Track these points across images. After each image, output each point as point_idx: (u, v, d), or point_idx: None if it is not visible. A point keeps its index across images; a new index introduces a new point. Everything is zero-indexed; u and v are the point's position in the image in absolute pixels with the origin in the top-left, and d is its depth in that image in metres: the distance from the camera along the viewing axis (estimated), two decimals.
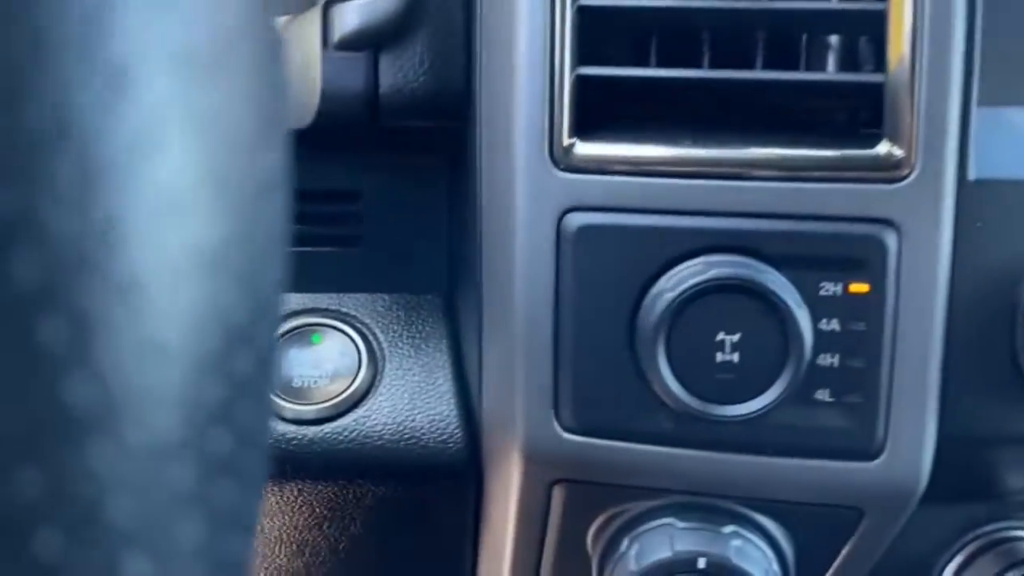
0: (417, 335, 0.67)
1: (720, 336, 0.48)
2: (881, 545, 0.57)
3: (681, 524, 0.54)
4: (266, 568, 0.74)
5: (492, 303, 0.56)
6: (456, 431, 0.64)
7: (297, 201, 0.66)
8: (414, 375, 0.66)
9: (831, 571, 0.59)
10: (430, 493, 0.65)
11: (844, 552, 0.57)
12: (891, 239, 0.48)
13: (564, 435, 0.53)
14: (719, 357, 0.48)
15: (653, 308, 0.49)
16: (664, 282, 0.49)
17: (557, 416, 0.53)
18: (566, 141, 0.50)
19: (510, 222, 0.52)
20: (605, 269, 0.50)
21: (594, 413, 0.52)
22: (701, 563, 0.52)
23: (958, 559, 0.63)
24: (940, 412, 0.52)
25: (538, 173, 0.51)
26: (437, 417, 0.64)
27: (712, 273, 0.47)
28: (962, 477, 0.56)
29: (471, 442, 0.64)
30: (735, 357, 0.48)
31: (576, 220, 0.51)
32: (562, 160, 0.51)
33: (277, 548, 0.70)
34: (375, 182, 0.68)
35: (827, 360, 0.50)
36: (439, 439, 0.63)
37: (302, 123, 0.60)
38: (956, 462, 0.54)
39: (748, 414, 0.49)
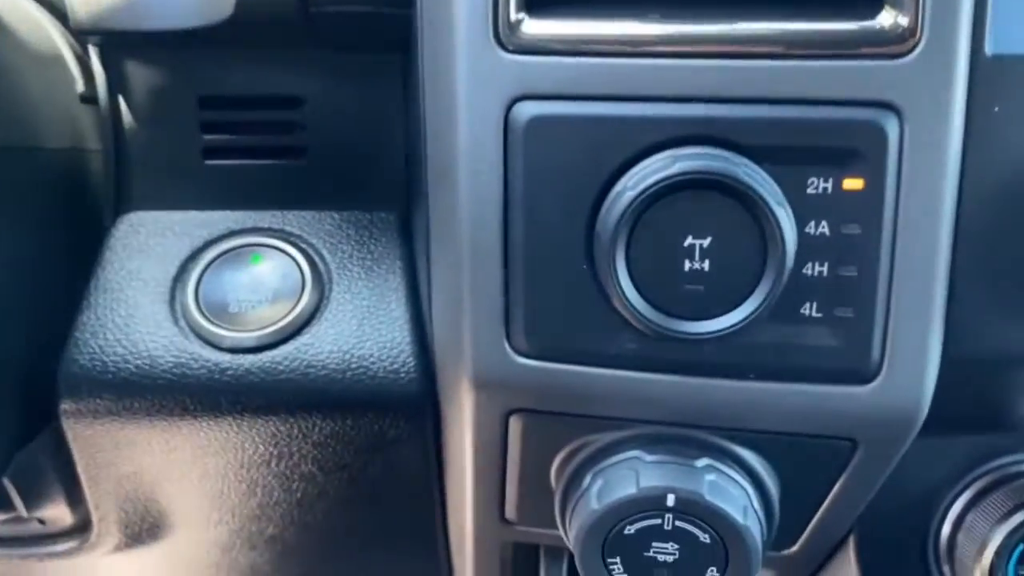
0: (368, 256, 0.61)
1: (688, 241, 0.41)
2: (876, 481, 0.51)
3: (649, 457, 0.48)
4: (219, 508, 0.69)
5: (438, 210, 0.50)
6: (409, 359, 0.58)
7: (232, 109, 0.59)
8: (364, 299, 0.60)
9: (820, 511, 0.53)
10: (385, 427, 0.60)
11: (835, 489, 0.51)
12: (891, 126, 0.41)
13: (516, 359, 0.47)
14: (687, 265, 0.42)
15: (612, 210, 0.42)
16: (625, 180, 0.42)
17: (508, 338, 0.47)
18: (513, 16, 0.43)
19: (453, 115, 0.45)
20: (559, 167, 0.43)
21: (548, 334, 0.46)
22: (670, 500, 0.46)
23: (964, 497, 0.57)
24: (944, 329, 0.45)
25: (481, 55, 0.44)
26: (388, 344, 0.58)
27: (679, 167, 0.41)
28: (968, 404, 0.50)
29: (426, 372, 0.59)
30: (705, 265, 0.42)
31: (526, 110, 0.44)
32: (509, 40, 0.43)
33: (224, 486, 0.65)
34: (319, 86, 0.61)
35: (815, 269, 0.43)
36: (390, 368, 0.58)
37: (222, 14, 0.53)
38: (961, 387, 0.47)
39: (720, 331, 0.42)
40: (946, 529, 0.57)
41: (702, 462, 0.47)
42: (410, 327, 0.59)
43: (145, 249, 0.60)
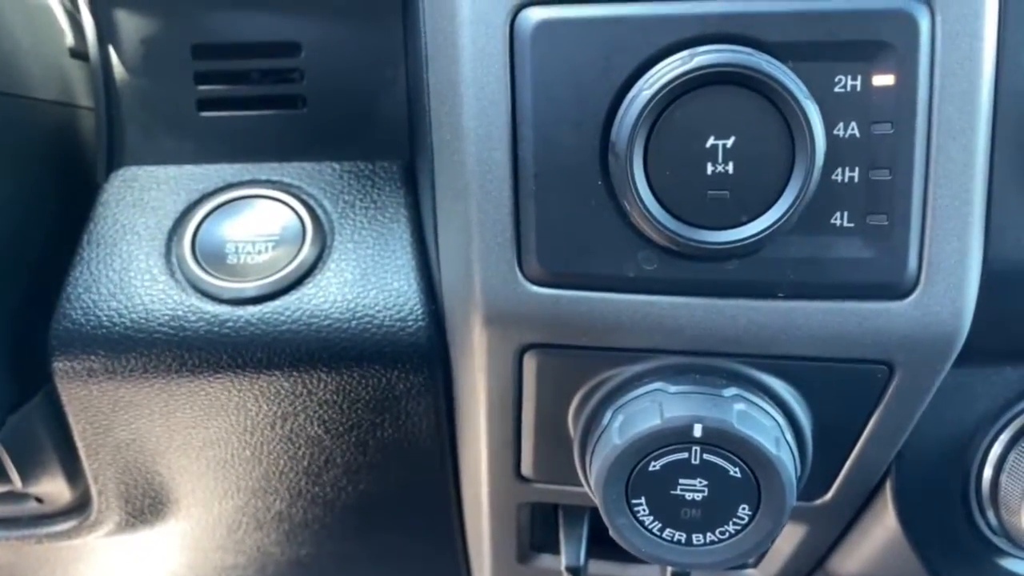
0: (371, 205, 0.59)
1: (711, 141, 0.39)
2: (914, 414, 0.48)
3: (673, 388, 0.45)
4: (224, 479, 0.66)
5: (441, 136, 0.47)
6: (416, 307, 0.55)
7: (226, 58, 0.56)
8: (367, 248, 0.57)
9: (855, 450, 0.50)
10: (393, 380, 0.57)
11: (871, 424, 0.48)
12: (922, 15, 0.39)
13: (529, 288, 0.44)
14: (710, 169, 0.39)
15: (627, 114, 0.39)
16: (641, 83, 0.40)
17: (520, 265, 0.44)
18: None
19: (455, 28, 0.43)
20: (570, 75, 0.41)
21: (562, 258, 0.43)
22: (697, 431, 0.43)
23: (1004, 437, 0.53)
24: (984, 238, 0.42)
25: None
26: (394, 293, 0.55)
27: (698, 61, 0.38)
28: (1009, 327, 0.47)
29: (434, 321, 0.56)
30: (729, 168, 0.39)
31: (532, 15, 0.41)
32: None
33: (228, 454, 0.62)
34: (316, 30, 0.59)
35: (845, 174, 0.40)
36: (396, 316, 0.55)
37: None
38: (1002, 306, 0.44)
39: (746, 239, 0.39)
40: (987, 471, 0.54)
41: (730, 391, 0.45)
42: (416, 276, 0.56)
43: (139, 203, 0.58)
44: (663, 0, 0.40)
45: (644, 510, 0.45)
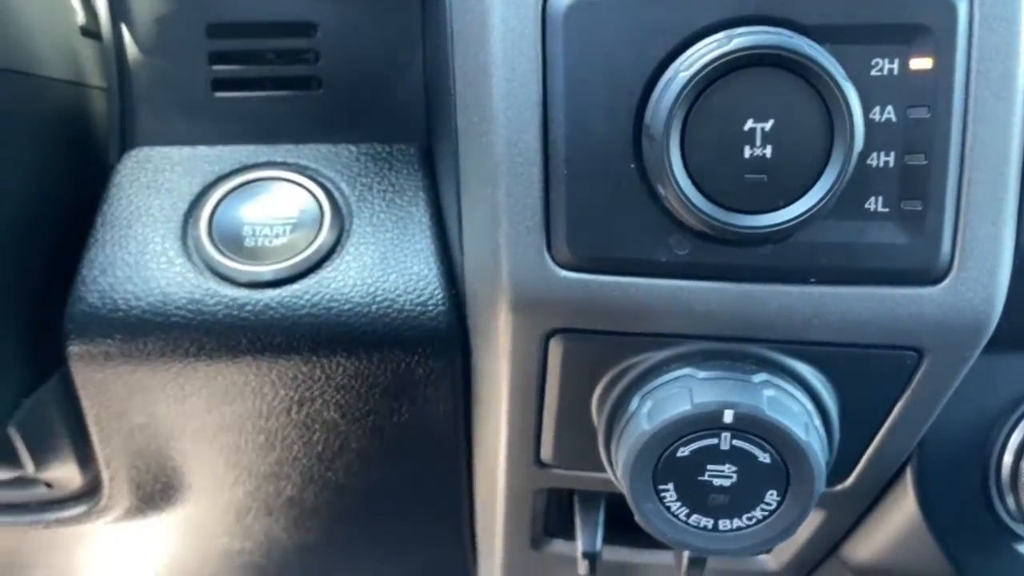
0: (390, 188, 0.58)
1: (749, 124, 0.38)
2: (939, 400, 0.48)
3: (702, 374, 0.45)
4: (236, 464, 0.66)
5: (467, 114, 0.47)
6: (437, 292, 0.55)
7: (241, 37, 0.55)
8: (387, 231, 0.56)
9: (879, 435, 0.50)
10: (412, 365, 0.56)
11: (896, 410, 0.48)
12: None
13: (558, 272, 0.44)
14: (748, 152, 0.39)
15: (664, 97, 0.39)
16: (677, 65, 0.39)
17: (549, 249, 0.44)
18: None
19: (484, 9, 0.42)
20: (603, 57, 0.40)
21: (593, 243, 0.43)
22: (728, 416, 0.43)
23: None
24: (1017, 223, 0.42)
25: None
26: (414, 276, 0.55)
27: (736, 43, 0.37)
28: None
29: (454, 306, 0.55)
30: (767, 151, 0.39)
31: None
32: None
33: (242, 440, 0.62)
34: (333, 10, 0.58)
35: (880, 159, 0.40)
36: (417, 300, 0.54)
37: None
38: None
39: (783, 223, 0.39)
40: (1008, 458, 0.54)
41: (760, 377, 0.44)
42: (436, 260, 0.55)
43: (154, 185, 0.57)
44: None
45: (672, 496, 0.45)
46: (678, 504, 0.45)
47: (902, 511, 0.56)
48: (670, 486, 0.45)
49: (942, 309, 0.42)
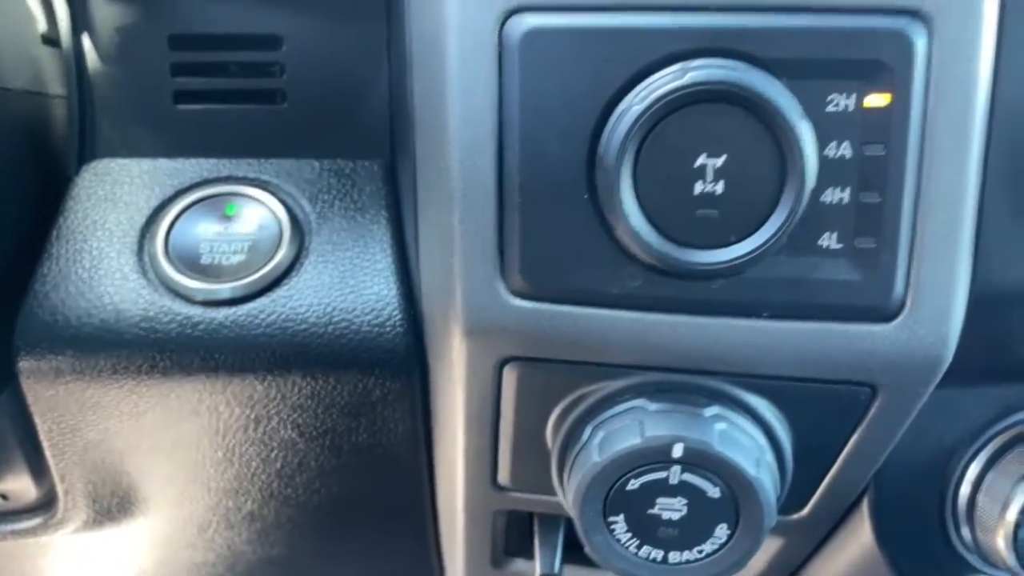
0: (351, 206, 0.57)
1: (701, 160, 0.38)
2: (895, 434, 0.48)
3: (653, 406, 0.44)
4: (194, 480, 0.65)
5: (425, 142, 0.46)
6: (395, 313, 0.54)
7: (205, 49, 0.54)
8: (346, 250, 0.56)
9: (835, 468, 0.50)
10: (370, 387, 0.56)
11: (851, 443, 0.48)
12: (919, 35, 0.38)
13: (511, 301, 0.44)
14: (699, 188, 0.38)
15: (617, 129, 0.38)
16: (631, 97, 0.39)
17: (503, 277, 0.43)
18: None
19: (442, 33, 0.42)
20: (559, 85, 0.40)
21: (546, 272, 0.43)
22: (677, 450, 0.42)
23: (982, 456, 0.53)
24: (972, 263, 0.42)
25: None
26: (373, 297, 0.54)
27: (690, 77, 0.37)
28: (992, 348, 0.46)
29: (413, 327, 0.55)
30: (719, 187, 0.38)
31: (522, 23, 0.40)
32: None
33: (199, 456, 0.61)
34: (298, 23, 0.58)
35: (835, 195, 0.40)
36: (375, 322, 0.54)
37: None
38: (986, 328, 0.44)
39: (734, 260, 0.39)
40: (964, 490, 0.54)
41: (711, 411, 0.44)
42: (396, 280, 0.55)
43: (111, 198, 0.56)
44: (655, 11, 0.39)
45: (622, 527, 0.45)
46: (628, 536, 0.45)
47: (858, 540, 0.55)
48: (620, 518, 0.45)
49: (895, 346, 0.42)
